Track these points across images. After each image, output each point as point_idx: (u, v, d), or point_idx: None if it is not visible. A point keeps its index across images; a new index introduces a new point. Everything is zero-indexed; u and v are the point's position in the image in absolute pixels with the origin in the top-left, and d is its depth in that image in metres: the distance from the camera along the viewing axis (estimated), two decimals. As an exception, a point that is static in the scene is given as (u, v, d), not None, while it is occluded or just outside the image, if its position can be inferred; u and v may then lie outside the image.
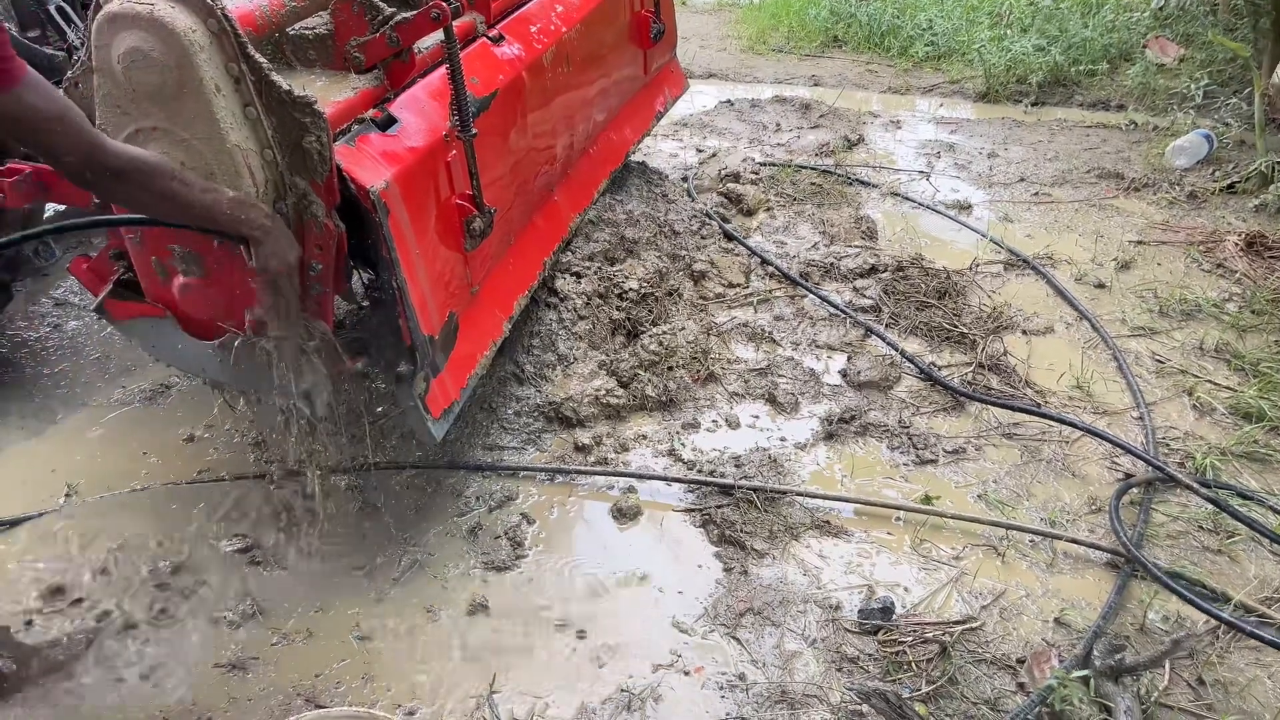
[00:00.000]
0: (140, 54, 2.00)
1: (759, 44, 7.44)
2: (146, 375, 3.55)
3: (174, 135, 2.10)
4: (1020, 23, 6.78)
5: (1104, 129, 5.65)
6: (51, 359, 3.70)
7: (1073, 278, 4.08)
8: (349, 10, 2.51)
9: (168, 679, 2.38)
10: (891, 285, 3.93)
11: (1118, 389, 3.39)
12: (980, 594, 2.60)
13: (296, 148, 2.18)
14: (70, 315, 3.96)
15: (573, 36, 3.53)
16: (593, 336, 3.48)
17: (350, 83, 2.55)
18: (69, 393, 3.49)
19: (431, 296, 2.55)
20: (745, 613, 2.53)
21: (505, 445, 3.15)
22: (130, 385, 3.50)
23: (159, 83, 2.03)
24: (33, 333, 3.86)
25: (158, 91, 2.04)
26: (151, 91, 2.05)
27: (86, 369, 3.62)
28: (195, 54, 2.01)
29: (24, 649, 2.35)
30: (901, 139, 5.65)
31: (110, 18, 2.01)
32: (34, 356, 3.71)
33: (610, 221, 4.03)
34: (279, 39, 2.60)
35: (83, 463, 3.13)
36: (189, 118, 2.08)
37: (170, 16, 1.98)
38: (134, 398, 3.44)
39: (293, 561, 2.73)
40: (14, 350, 3.74)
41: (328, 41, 2.59)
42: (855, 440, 3.18)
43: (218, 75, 2.06)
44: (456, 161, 2.64)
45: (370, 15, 2.49)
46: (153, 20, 1.97)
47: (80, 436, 3.27)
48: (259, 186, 2.18)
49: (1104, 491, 2.93)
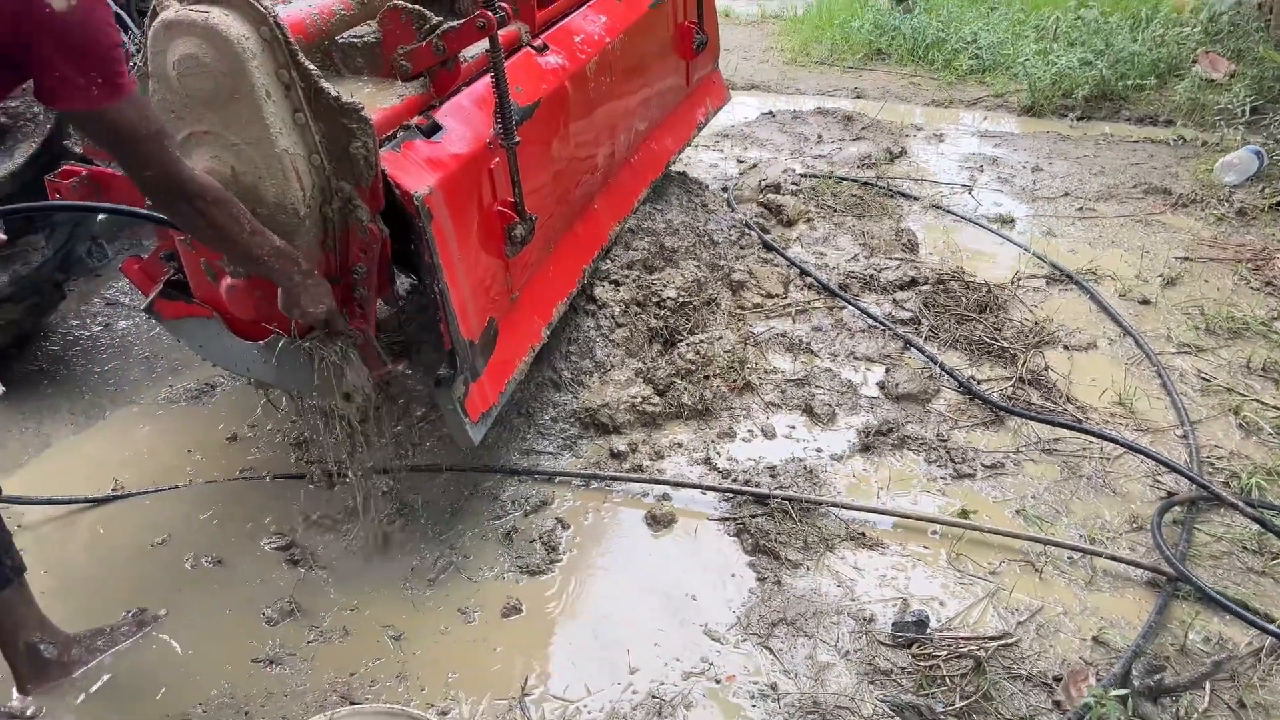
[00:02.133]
0: (195, 60, 2.06)
1: (801, 56, 7.44)
2: (192, 374, 3.62)
3: (224, 140, 2.15)
4: (1067, 36, 6.72)
5: (1151, 144, 5.58)
6: (101, 357, 3.79)
7: (1117, 293, 4.03)
8: (397, 19, 2.56)
9: (207, 672, 2.43)
10: (931, 298, 3.91)
11: (1161, 406, 3.34)
12: (1017, 610, 2.57)
13: (343, 153, 2.22)
14: (120, 315, 4.05)
15: (616, 47, 3.56)
16: (630, 344, 3.50)
17: (396, 90, 2.60)
18: (117, 390, 3.58)
19: (472, 301, 2.58)
20: (778, 622, 2.53)
21: (541, 450, 3.17)
22: (176, 384, 3.58)
23: (212, 88, 2.08)
24: (84, 331, 3.96)
25: (211, 97, 2.09)
26: (205, 97, 2.10)
27: (135, 367, 3.70)
28: (248, 61, 2.06)
29: (67, 637, 2.40)
30: (944, 152, 5.62)
31: (166, 25, 2.06)
32: (85, 354, 3.81)
33: (650, 230, 4.05)
34: (328, 46, 2.66)
35: (130, 458, 3.20)
36: (240, 123, 2.13)
37: (225, 24, 2.03)
38: (180, 396, 3.51)
39: (331, 560, 2.77)
40: (66, 348, 3.84)
41: (375, 49, 2.64)
42: (892, 453, 3.16)
43: (269, 82, 2.11)
44: (499, 169, 2.67)
45: (418, 24, 2.54)
46: (208, 28, 2.02)
47: (128, 433, 3.34)
48: (305, 190, 2.22)
49: (1145, 510, 2.89)
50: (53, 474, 3.11)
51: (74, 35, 1.67)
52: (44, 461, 3.20)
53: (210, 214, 1.95)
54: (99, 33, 1.71)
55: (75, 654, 2.40)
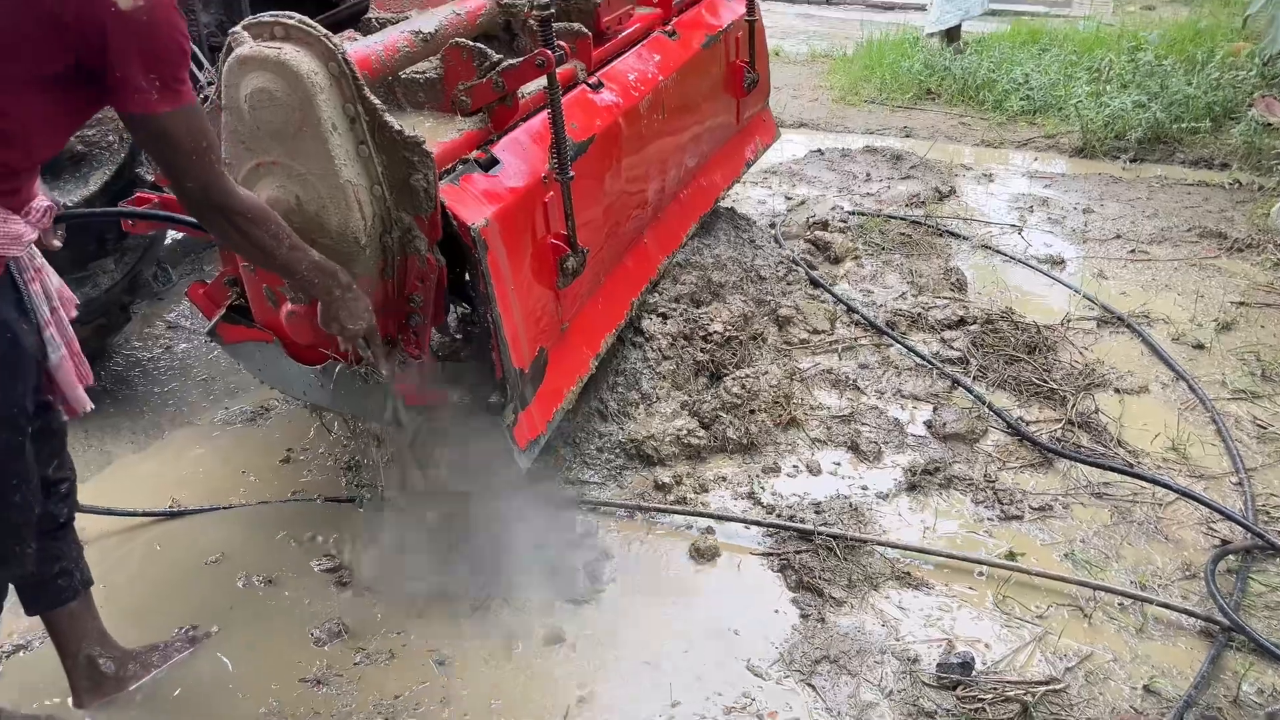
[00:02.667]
0: (266, 94, 2.14)
1: (851, 95, 7.48)
2: (248, 397, 3.70)
3: (291, 170, 2.23)
4: (1120, 79, 6.69)
5: (1206, 187, 5.52)
6: (162, 378, 3.89)
7: (1170, 337, 3.98)
8: (459, 56, 2.63)
9: (255, 690, 2.47)
10: (980, 338, 3.89)
11: (1215, 453, 3.29)
12: (1065, 655, 2.53)
13: (404, 185, 2.29)
14: (181, 338, 4.16)
15: (669, 85, 3.62)
16: (676, 377, 3.52)
17: (456, 124, 2.67)
18: (176, 411, 3.67)
19: (524, 331, 2.63)
20: (821, 660, 2.52)
21: (587, 480, 3.20)
22: (233, 406, 3.66)
23: (282, 121, 2.16)
24: (146, 353, 4.07)
25: (280, 129, 2.17)
26: (274, 129, 2.18)
27: (193, 389, 3.79)
28: (316, 95, 2.14)
29: (124, 651, 2.46)
30: (993, 192, 5.61)
31: (240, 60, 2.15)
32: (146, 375, 3.91)
33: (698, 265, 4.08)
34: (391, 82, 2.75)
35: (186, 477, 3.27)
36: (306, 154, 2.21)
37: (296, 60, 2.12)
38: (236, 418, 3.59)
39: (378, 584, 2.81)
40: (128, 369, 3.95)
41: (437, 85, 2.72)
42: (938, 492, 3.15)
43: (335, 115, 2.19)
44: (553, 202, 2.73)
45: (478, 61, 2.62)
46: (280, 63, 2.11)
47: (185, 453, 3.42)
48: (367, 220, 2.29)
49: (1198, 557, 2.84)
50: (113, 491, 3.19)
51: (138, 36, 1.68)
52: (105, 479, 3.29)
53: (248, 230, 1.96)
54: (164, 36, 1.72)
55: (131, 669, 2.45)
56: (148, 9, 1.67)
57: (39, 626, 2.62)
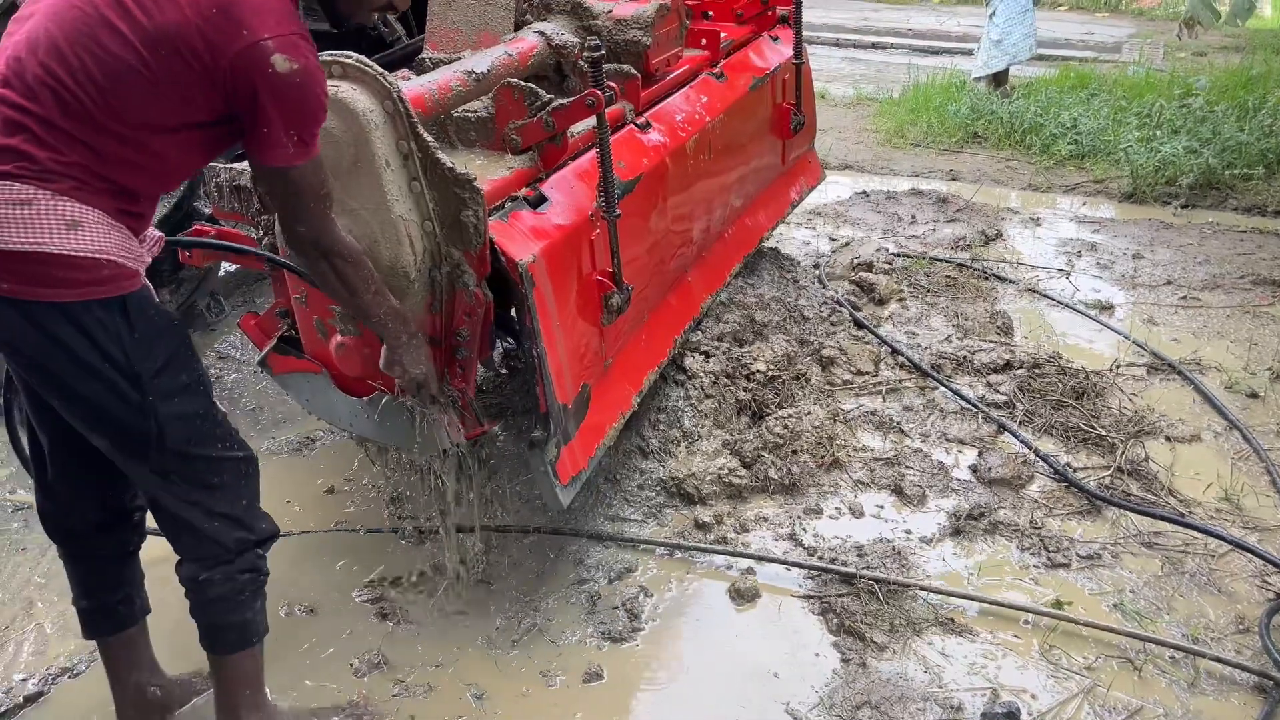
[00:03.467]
0: (323, 130, 2.18)
1: (896, 138, 7.49)
2: (295, 427, 3.75)
3: (345, 204, 2.27)
4: (1170, 124, 6.63)
5: (1260, 234, 5.43)
6: (211, 408, 3.95)
7: (1223, 385, 3.91)
8: (510, 96, 2.68)
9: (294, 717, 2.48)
10: (1026, 382, 3.84)
11: (1270, 504, 3.21)
12: (1114, 709, 2.47)
13: (455, 221, 2.33)
14: (231, 368, 4.24)
15: (716, 126, 3.66)
16: (718, 415, 3.52)
17: (506, 162, 2.72)
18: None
19: (568, 366, 2.65)
20: (862, 705, 2.48)
21: (627, 517, 3.19)
22: (280, 436, 3.71)
23: (336, 156, 2.21)
24: (196, 382, 4.14)
25: (335, 164, 2.22)
26: (330, 165, 2.21)
27: (242, 419, 3.85)
28: (371, 132, 2.19)
29: (169, 679, 2.48)
30: (1041, 236, 5.57)
31: (300, 98, 2.20)
32: (196, 404, 3.98)
33: (741, 304, 4.09)
34: (444, 120, 2.80)
35: (232, 506, 3.31)
36: (360, 189, 2.26)
37: (352, 98, 2.18)
38: (282, 448, 3.64)
39: (419, 616, 2.82)
40: (179, 398, 4.02)
41: (488, 123, 2.77)
42: (983, 538, 3.10)
43: (389, 151, 2.24)
44: (600, 240, 2.76)
45: (529, 101, 2.66)
46: (337, 101, 2.16)
47: (231, 482, 3.46)
48: (417, 255, 2.33)
49: (1252, 610, 2.76)
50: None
51: (288, 99, 1.82)
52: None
53: (344, 272, 2.08)
54: (312, 99, 1.86)
55: (176, 694, 2.47)
56: (301, 74, 1.81)
57: (85, 649, 2.67)
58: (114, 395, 1.89)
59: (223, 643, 2.20)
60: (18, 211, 1.73)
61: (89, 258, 1.80)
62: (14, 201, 1.72)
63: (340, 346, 2.57)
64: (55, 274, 1.77)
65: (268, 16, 1.77)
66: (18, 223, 1.73)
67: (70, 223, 1.77)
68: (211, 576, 2.11)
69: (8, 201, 1.72)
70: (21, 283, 1.77)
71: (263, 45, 1.76)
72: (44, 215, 1.74)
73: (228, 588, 2.13)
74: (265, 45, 1.76)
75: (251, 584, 2.19)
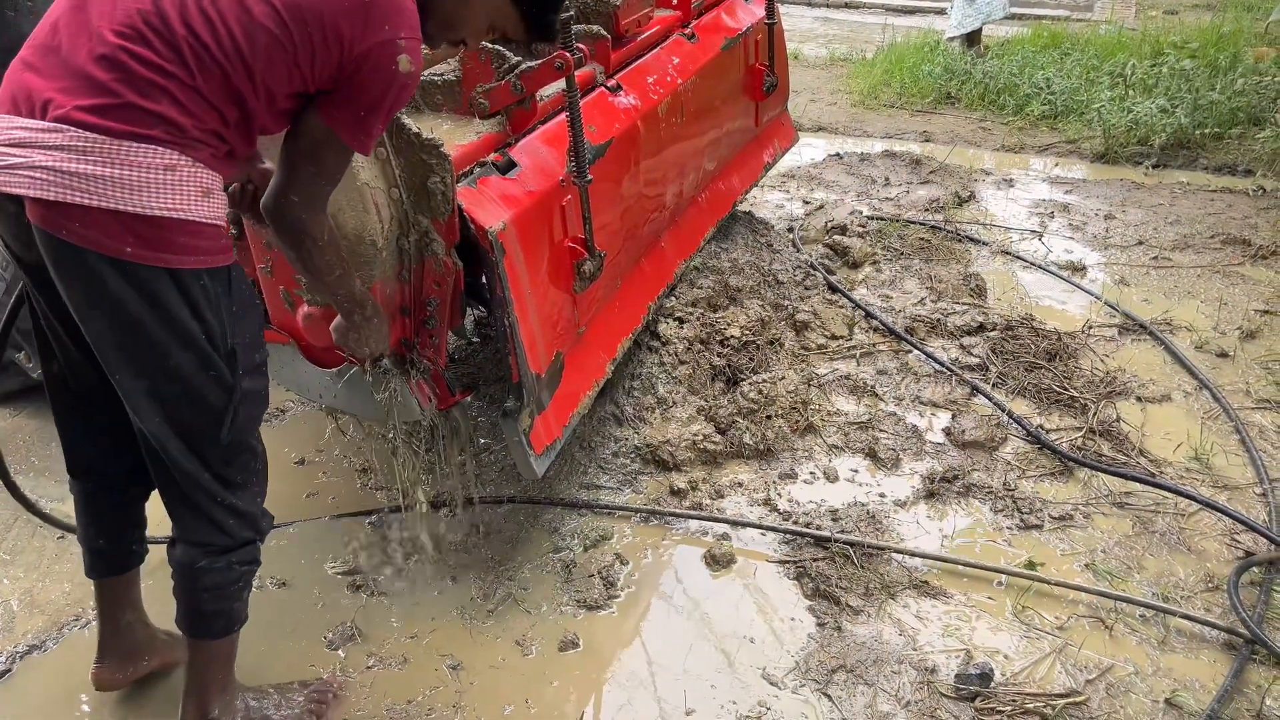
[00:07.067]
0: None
1: (870, 99, 7.45)
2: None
3: (309, 172, 2.21)
4: (1143, 83, 6.63)
5: (1230, 194, 5.46)
6: (178, 379, 3.89)
7: (1193, 345, 3.94)
8: (476, 59, 2.63)
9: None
10: (999, 344, 3.86)
11: (1239, 463, 3.24)
12: (1085, 667, 2.50)
13: (422, 188, 2.28)
14: (198, 339, 4.16)
15: (688, 88, 3.61)
16: (692, 381, 3.50)
17: (474, 127, 2.66)
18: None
19: (540, 335, 2.62)
20: (838, 669, 2.49)
21: (602, 485, 3.18)
22: (249, 408, 3.66)
23: (299, 123, 2.15)
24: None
25: (298, 131, 2.16)
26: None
27: (210, 390, 3.79)
28: (335, 97, 2.12)
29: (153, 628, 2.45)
30: (1014, 197, 5.56)
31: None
32: (163, 376, 3.91)
33: (715, 269, 4.06)
34: (410, 84, 2.73)
35: (202, 479, 3.27)
36: (324, 156, 2.20)
37: (314, 61, 2.11)
38: (252, 420, 3.59)
39: (392, 587, 2.80)
40: (145, 369, 3.95)
41: (455, 87, 2.71)
42: (957, 500, 3.11)
43: (353, 117, 2.18)
44: (571, 206, 2.72)
45: (496, 64, 2.61)
46: (298, 64, 2.09)
47: (201, 454, 3.42)
48: (384, 223, 2.28)
49: (1221, 569, 2.80)
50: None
51: (396, 96, 1.87)
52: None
53: (315, 254, 2.01)
54: (404, 101, 1.91)
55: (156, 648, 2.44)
56: (412, 77, 1.86)
57: (52, 627, 2.64)
58: (204, 369, 1.86)
59: (206, 630, 2.15)
60: (164, 176, 1.69)
61: (214, 225, 1.79)
62: (161, 166, 1.69)
63: (308, 317, 2.52)
64: (182, 240, 1.75)
65: (407, 17, 1.83)
66: (162, 187, 1.69)
67: (205, 190, 1.76)
68: (211, 564, 2.06)
69: (154, 166, 1.68)
70: (146, 247, 1.72)
71: (397, 43, 1.81)
72: (186, 181, 1.72)
73: (225, 577, 2.09)
74: (399, 44, 1.81)
75: (248, 574, 2.15)
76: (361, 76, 1.82)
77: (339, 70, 1.81)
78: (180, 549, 2.09)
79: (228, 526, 2.05)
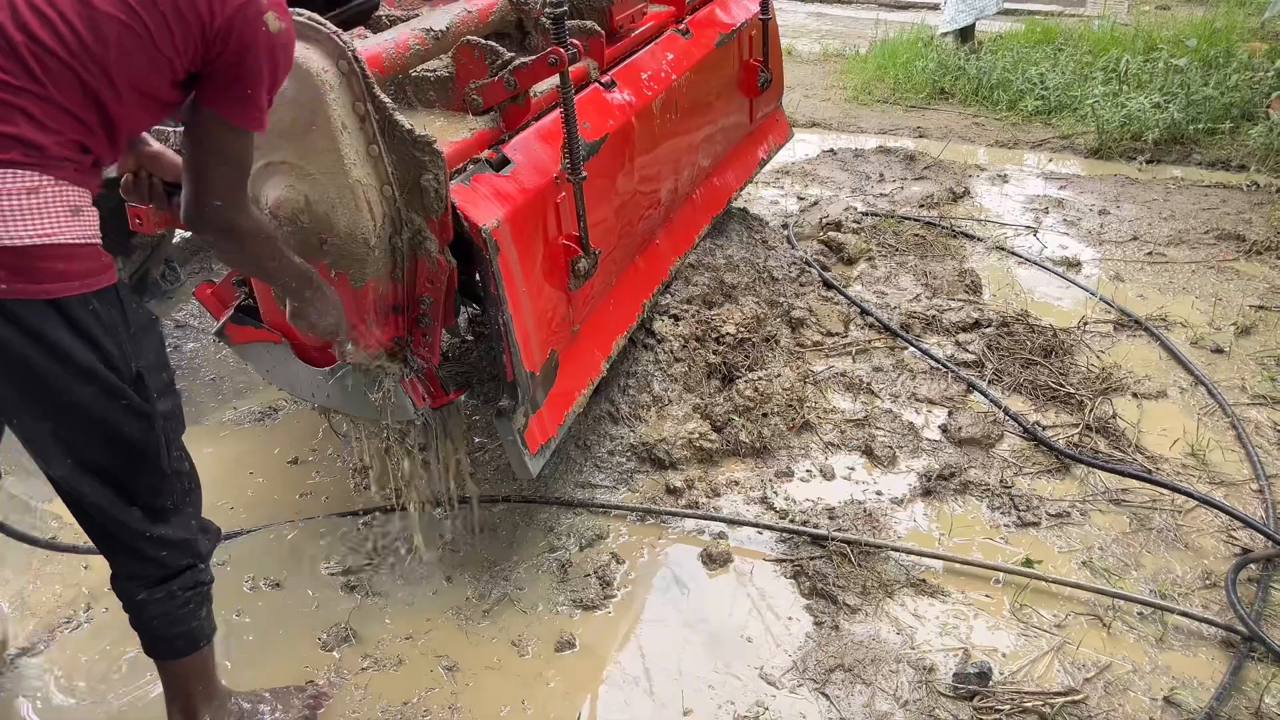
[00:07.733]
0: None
1: (864, 95, 7.43)
2: (256, 397, 3.68)
3: (300, 170, 2.19)
4: (1137, 78, 6.62)
5: (1224, 189, 5.45)
6: (170, 378, 3.86)
7: (1188, 341, 3.93)
8: (470, 54, 2.60)
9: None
10: (995, 341, 3.85)
11: (1236, 459, 3.24)
12: (1084, 665, 2.49)
13: (415, 185, 2.26)
14: (189, 337, 4.14)
15: (682, 84, 3.59)
16: (688, 379, 3.49)
17: (468, 124, 2.64)
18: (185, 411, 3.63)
19: (535, 333, 2.59)
20: (835, 668, 2.48)
21: (597, 484, 3.16)
22: (241, 406, 3.63)
23: (291, 120, 2.13)
24: (154, 353, 4.04)
25: (289, 128, 2.14)
26: (283, 129, 2.14)
27: (202, 389, 3.77)
28: (326, 93, 2.10)
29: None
30: (1008, 193, 5.55)
31: (250, 58, 2.11)
32: (154, 375, 3.88)
33: (710, 266, 4.05)
34: (402, 80, 2.71)
35: (194, 479, 3.24)
36: (315, 154, 2.17)
37: (305, 58, 2.08)
38: (244, 419, 3.57)
39: (387, 588, 2.78)
40: (136, 369, 3.92)
41: (448, 83, 2.69)
42: (954, 498, 3.10)
43: (344, 114, 2.15)
44: (565, 203, 2.69)
45: (490, 59, 2.58)
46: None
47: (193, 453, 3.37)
48: (376, 221, 2.26)
49: (1219, 566, 2.79)
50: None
51: (277, 58, 1.78)
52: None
53: (251, 246, 1.95)
54: (289, 61, 1.83)
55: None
56: (286, 34, 1.78)
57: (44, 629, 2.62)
58: (113, 400, 1.75)
59: (169, 651, 2.10)
60: (27, 201, 1.56)
61: (90, 244, 1.65)
62: (23, 191, 1.56)
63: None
64: (59, 267, 1.61)
65: None
66: (27, 213, 1.56)
67: (74, 208, 1.62)
68: (151, 596, 1.99)
69: (15, 192, 1.55)
70: (21, 279, 1.57)
71: (258, 3, 1.71)
72: (51, 203, 1.59)
73: (169, 605, 2.02)
74: (260, 3, 1.71)
75: (195, 597, 2.07)
76: (231, 50, 1.71)
77: (205, 49, 1.69)
78: (119, 583, 2.02)
79: (160, 558, 1.97)
